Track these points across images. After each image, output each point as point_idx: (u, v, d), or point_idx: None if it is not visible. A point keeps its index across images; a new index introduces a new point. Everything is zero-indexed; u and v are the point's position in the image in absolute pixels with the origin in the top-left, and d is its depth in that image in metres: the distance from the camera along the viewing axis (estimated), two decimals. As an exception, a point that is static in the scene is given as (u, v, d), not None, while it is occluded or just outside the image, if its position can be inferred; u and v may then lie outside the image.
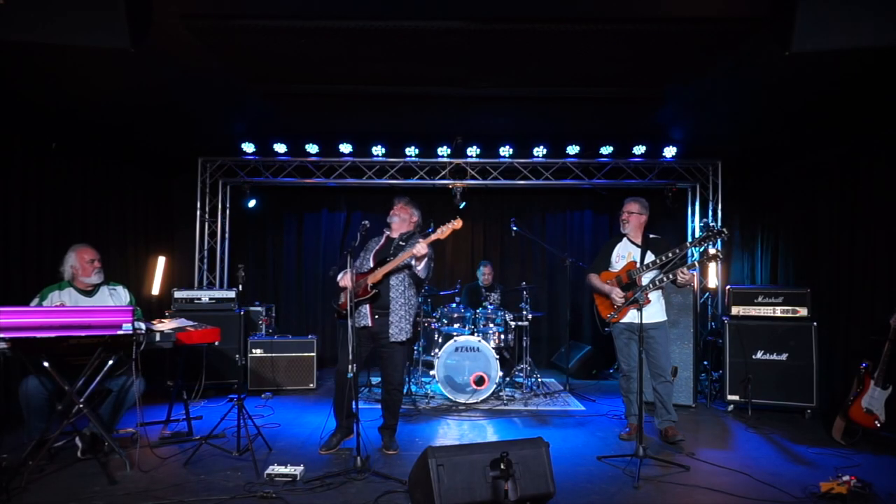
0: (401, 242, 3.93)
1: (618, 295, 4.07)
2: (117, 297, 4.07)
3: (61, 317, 3.29)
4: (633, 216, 4.25)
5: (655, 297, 4.11)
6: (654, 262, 4.02)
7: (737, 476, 3.49)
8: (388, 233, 4.09)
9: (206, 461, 3.64)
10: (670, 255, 3.96)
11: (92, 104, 4.70)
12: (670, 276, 3.95)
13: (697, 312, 5.44)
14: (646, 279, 4.05)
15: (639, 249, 4.18)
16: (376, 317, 3.84)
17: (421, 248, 3.64)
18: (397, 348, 3.86)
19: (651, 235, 4.28)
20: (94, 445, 3.67)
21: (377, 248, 4.03)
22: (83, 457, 3.62)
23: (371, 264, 3.92)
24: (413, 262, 3.79)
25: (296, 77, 4.54)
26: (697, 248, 4.12)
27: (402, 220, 4.02)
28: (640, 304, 3.76)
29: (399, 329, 3.82)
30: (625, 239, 4.28)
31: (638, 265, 4.09)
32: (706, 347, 5.66)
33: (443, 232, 3.71)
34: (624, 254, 4.23)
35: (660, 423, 4.17)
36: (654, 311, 4.10)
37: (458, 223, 3.73)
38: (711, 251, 4.05)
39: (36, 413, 3.58)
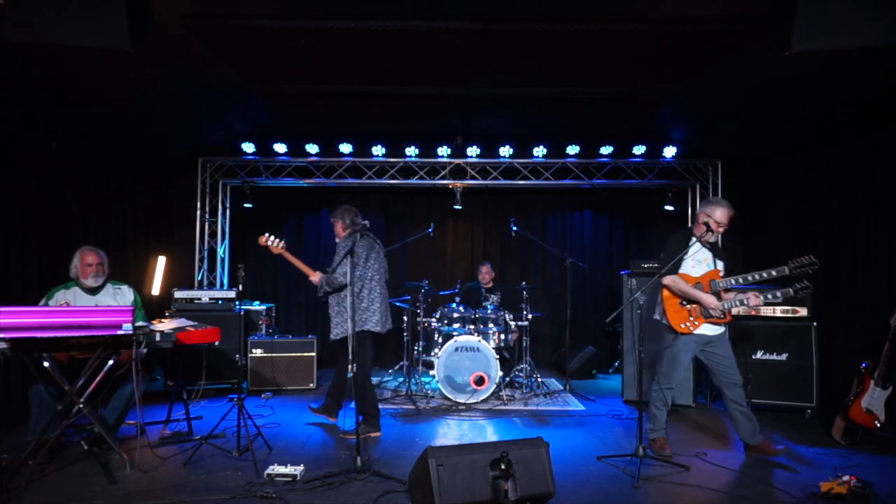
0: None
1: (714, 303, 3.72)
2: (121, 296, 4.10)
3: (61, 317, 3.31)
4: (724, 228, 3.86)
5: None
6: (744, 279, 3.73)
7: (737, 476, 3.50)
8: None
9: (206, 461, 3.64)
10: (762, 275, 3.65)
11: (92, 104, 4.70)
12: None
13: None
14: (729, 296, 3.81)
15: (713, 257, 3.86)
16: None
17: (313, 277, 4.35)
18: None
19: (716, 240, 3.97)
20: (100, 442, 3.67)
21: None
22: (89, 448, 3.61)
23: None
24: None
25: (296, 77, 4.55)
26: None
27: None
28: (725, 320, 3.71)
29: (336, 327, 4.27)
30: (697, 242, 3.86)
31: (721, 275, 3.83)
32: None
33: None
34: (700, 259, 3.87)
35: (750, 436, 3.81)
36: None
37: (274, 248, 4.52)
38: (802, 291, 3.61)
39: (46, 408, 3.59)
